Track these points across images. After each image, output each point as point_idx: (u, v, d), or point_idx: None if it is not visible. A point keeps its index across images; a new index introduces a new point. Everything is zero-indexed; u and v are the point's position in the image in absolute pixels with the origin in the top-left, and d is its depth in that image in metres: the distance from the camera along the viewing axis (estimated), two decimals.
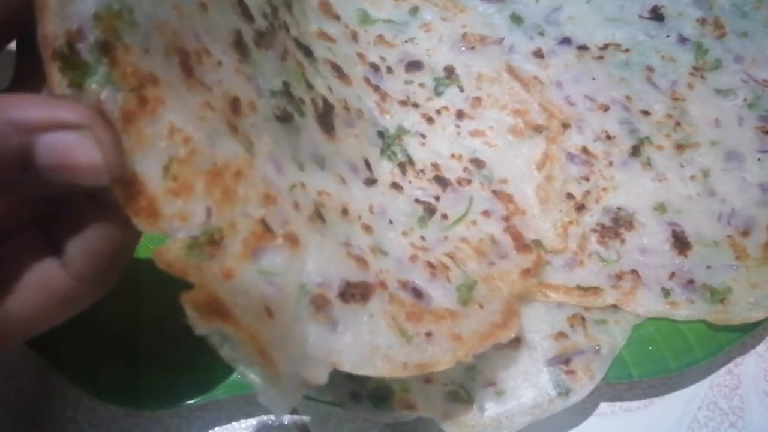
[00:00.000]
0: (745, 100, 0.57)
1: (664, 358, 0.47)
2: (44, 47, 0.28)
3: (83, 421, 0.48)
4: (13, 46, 0.34)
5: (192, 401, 0.45)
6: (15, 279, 0.31)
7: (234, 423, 0.49)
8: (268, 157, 0.36)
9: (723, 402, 0.50)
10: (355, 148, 0.46)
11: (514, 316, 0.42)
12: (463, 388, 0.45)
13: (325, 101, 0.45)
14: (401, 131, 0.51)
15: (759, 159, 0.54)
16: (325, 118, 0.44)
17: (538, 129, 0.53)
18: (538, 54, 0.58)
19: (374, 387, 0.44)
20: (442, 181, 0.49)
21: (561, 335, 0.47)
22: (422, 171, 0.50)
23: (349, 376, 0.44)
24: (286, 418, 0.49)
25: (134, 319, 0.46)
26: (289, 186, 0.37)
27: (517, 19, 0.60)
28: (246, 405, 0.49)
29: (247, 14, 0.39)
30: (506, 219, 0.49)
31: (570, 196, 0.52)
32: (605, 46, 0.59)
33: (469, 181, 0.50)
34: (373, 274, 0.39)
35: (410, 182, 0.48)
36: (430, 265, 0.43)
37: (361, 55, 0.53)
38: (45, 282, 0.31)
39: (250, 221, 0.33)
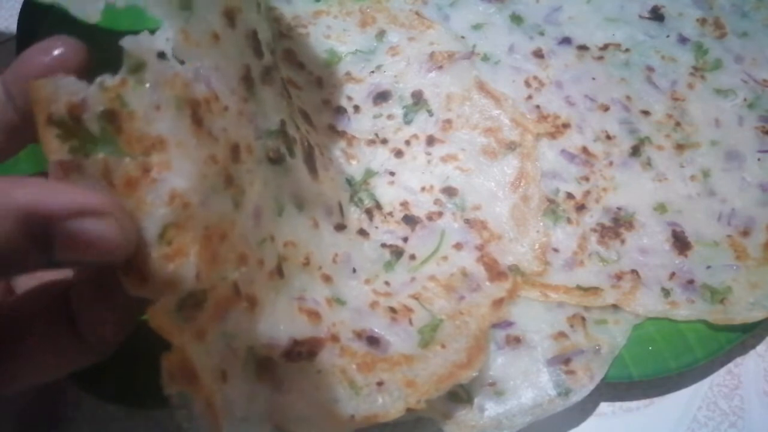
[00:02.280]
0: (745, 100, 0.57)
1: (664, 358, 0.47)
2: (37, 111, 0.27)
3: (83, 421, 0.48)
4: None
5: None
6: (24, 333, 0.31)
7: None
8: (252, 206, 0.36)
9: (723, 402, 0.50)
10: (333, 190, 0.46)
11: (480, 353, 0.42)
12: (463, 388, 0.45)
13: (308, 142, 0.45)
14: (368, 175, 0.51)
15: (759, 159, 0.54)
16: (310, 158, 0.44)
17: (511, 146, 0.52)
18: (538, 54, 0.58)
19: None
20: (411, 220, 0.49)
21: (561, 335, 0.47)
22: (390, 213, 0.49)
23: None
24: None
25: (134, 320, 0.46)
26: (260, 241, 0.37)
27: (517, 19, 0.60)
28: None
29: (258, 50, 0.39)
30: (480, 248, 0.48)
31: (570, 196, 0.52)
32: (605, 46, 0.59)
33: (441, 214, 0.50)
34: (325, 327, 0.39)
35: (377, 227, 0.48)
36: (392, 310, 0.43)
37: (326, 102, 0.54)
38: (54, 344, 0.31)
39: (225, 284, 0.32)
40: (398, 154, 0.52)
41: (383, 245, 0.47)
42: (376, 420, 0.37)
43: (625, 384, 0.49)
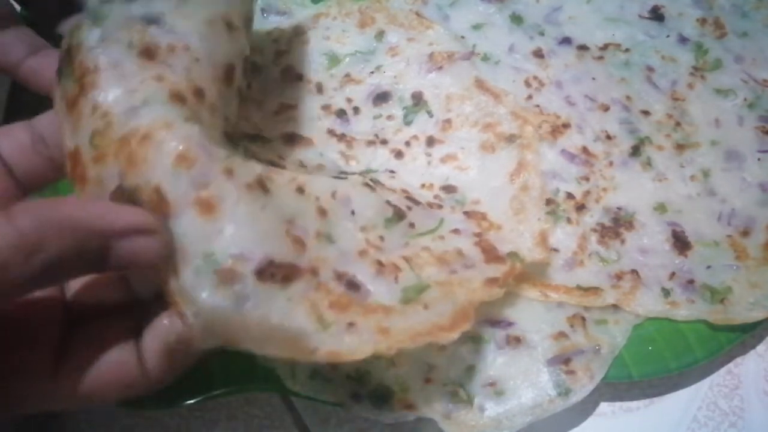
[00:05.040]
0: (745, 100, 0.57)
1: (664, 358, 0.47)
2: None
3: (83, 421, 0.48)
4: None
5: (192, 401, 0.45)
6: (94, 355, 0.34)
7: (234, 423, 0.49)
8: (211, 128, 0.38)
9: (723, 402, 0.50)
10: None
11: (465, 321, 0.39)
12: (463, 388, 0.45)
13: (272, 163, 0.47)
14: (368, 172, 0.51)
15: (759, 159, 0.54)
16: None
17: (510, 139, 0.52)
18: (538, 54, 0.58)
19: (374, 387, 0.44)
20: (412, 200, 0.48)
21: (561, 335, 0.47)
22: (392, 191, 0.49)
23: (349, 377, 0.45)
24: (286, 418, 0.49)
25: None
26: (226, 155, 0.36)
27: (517, 19, 0.60)
28: (246, 405, 0.49)
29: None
30: (478, 235, 0.47)
31: (570, 196, 0.52)
32: (605, 46, 0.59)
33: (440, 206, 0.49)
34: (306, 259, 0.37)
35: (383, 190, 0.48)
36: (379, 263, 0.41)
37: (326, 107, 0.54)
38: (119, 364, 0.34)
39: (148, 189, 0.34)
40: (398, 155, 0.52)
41: (388, 202, 0.46)
42: (340, 358, 0.35)
43: (625, 384, 0.49)
